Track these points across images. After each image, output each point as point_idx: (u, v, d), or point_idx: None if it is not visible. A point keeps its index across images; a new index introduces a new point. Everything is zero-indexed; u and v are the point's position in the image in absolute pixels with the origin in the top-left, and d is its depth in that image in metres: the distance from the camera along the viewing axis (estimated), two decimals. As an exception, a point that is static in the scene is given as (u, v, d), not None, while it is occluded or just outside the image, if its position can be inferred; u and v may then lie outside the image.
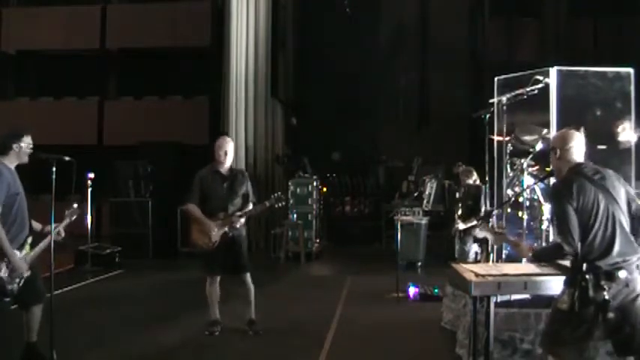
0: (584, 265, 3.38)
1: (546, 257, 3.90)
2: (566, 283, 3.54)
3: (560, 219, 3.48)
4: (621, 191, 3.52)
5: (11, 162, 4.66)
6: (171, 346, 5.70)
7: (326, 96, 14.53)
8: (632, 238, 3.45)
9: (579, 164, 3.60)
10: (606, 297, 3.32)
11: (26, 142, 4.69)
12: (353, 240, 13.44)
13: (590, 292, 3.34)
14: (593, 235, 3.39)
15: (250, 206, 5.98)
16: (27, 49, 15.85)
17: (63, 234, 4.93)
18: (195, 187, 5.98)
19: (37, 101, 15.93)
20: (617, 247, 3.37)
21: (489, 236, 4.44)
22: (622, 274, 3.34)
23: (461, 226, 7.77)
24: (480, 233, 4.51)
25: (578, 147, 3.65)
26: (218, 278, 5.98)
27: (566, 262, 3.62)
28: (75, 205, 5.05)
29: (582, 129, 4.84)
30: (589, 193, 3.43)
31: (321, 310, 7.12)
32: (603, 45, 14.44)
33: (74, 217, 5.03)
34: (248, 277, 5.98)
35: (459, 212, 7.90)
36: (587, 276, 3.36)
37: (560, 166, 3.66)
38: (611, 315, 3.34)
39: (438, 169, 11.85)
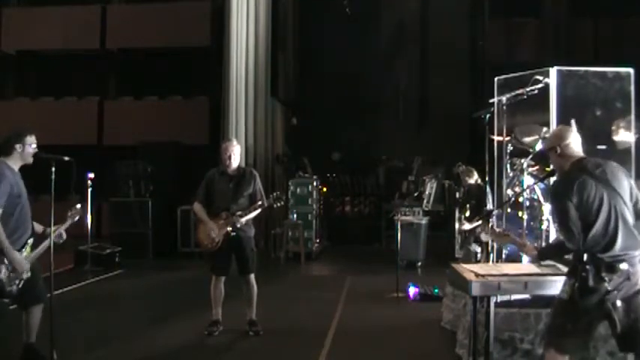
0: (585, 256, 3.39)
1: (550, 254, 3.90)
2: (567, 274, 3.55)
3: (560, 216, 3.49)
4: (625, 184, 3.50)
5: (15, 163, 4.64)
6: (171, 346, 5.69)
7: (326, 96, 14.53)
8: (636, 233, 3.43)
9: (581, 159, 3.59)
10: (608, 288, 3.32)
11: (29, 142, 4.67)
12: (353, 240, 13.43)
13: (591, 283, 3.34)
14: (596, 229, 3.38)
15: (258, 204, 5.89)
16: (27, 49, 15.85)
17: (64, 236, 4.91)
18: (201, 186, 6.02)
19: (38, 101, 15.92)
20: (619, 241, 3.37)
21: (495, 239, 4.44)
22: (623, 266, 3.34)
23: (466, 226, 7.78)
24: (484, 237, 4.50)
25: (575, 141, 3.65)
26: (223, 279, 5.97)
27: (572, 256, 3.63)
28: (78, 206, 5.03)
29: (573, 121, 4.88)
30: (590, 188, 3.42)
31: (321, 310, 7.12)
32: (603, 45, 14.44)
33: (76, 218, 5.01)
34: (252, 278, 5.98)
35: (466, 214, 7.90)
36: (587, 266, 3.36)
37: (561, 163, 3.65)
38: (616, 306, 3.34)
39: (438, 169, 11.85)
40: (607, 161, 3.61)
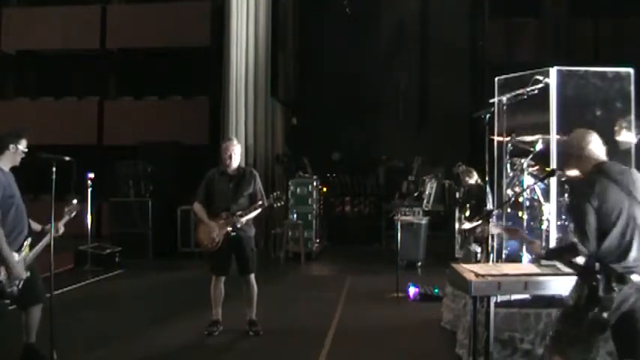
0: (597, 266, 3.34)
1: (559, 256, 3.84)
2: (577, 280, 3.51)
3: (578, 218, 3.41)
4: None
5: (5, 164, 4.64)
6: (171, 346, 5.70)
7: (326, 96, 14.54)
8: None
9: (604, 163, 3.53)
10: (615, 302, 3.29)
11: (23, 145, 4.68)
12: (353, 240, 13.43)
13: (600, 292, 3.30)
14: (611, 238, 3.34)
15: (259, 204, 5.90)
16: (27, 49, 15.85)
17: (62, 229, 4.92)
18: (201, 186, 6.02)
19: (38, 101, 15.92)
20: (633, 253, 3.33)
21: (503, 233, 4.46)
22: (635, 277, 3.30)
23: (466, 225, 7.77)
24: (493, 230, 4.52)
25: (597, 144, 3.58)
26: (223, 279, 5.97)
27: (580, 260, 3.57)
28: (74, 202, 5.03)
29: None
30: (611, 194, 3.36)
31: (321, 310, 7.12)
32: (603, 45, 14.44)
33: (74, 213, 5.01)
34: (252, 278, 5.98)
35: (466, 213, 7.89)
36: (598, 276, 3.32)
37: (584, 167, 3.57)
38: (609, 323, 3.32)
39: (438, 169, 11.85)
40: (628, 167, 3.57)
